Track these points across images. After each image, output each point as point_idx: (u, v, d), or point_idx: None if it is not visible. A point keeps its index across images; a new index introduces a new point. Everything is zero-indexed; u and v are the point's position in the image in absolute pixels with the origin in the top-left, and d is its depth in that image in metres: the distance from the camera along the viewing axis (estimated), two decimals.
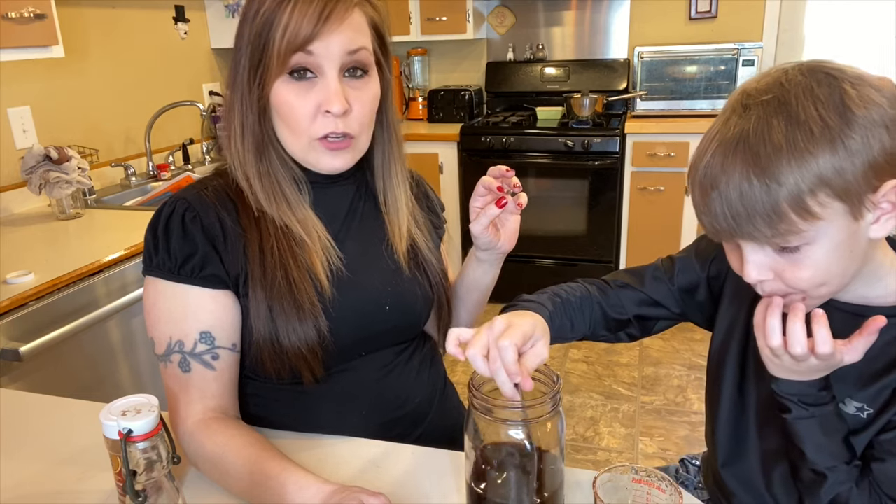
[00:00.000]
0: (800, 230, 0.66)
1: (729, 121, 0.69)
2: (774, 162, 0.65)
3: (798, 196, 0.65)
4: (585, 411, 2.53)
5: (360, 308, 0.92)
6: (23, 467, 0.87)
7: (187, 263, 0.85)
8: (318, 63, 0.83)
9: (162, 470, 0.66)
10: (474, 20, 3.45)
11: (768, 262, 0.71)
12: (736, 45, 3.09)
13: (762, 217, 0.66)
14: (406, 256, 0.97)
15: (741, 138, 0.67)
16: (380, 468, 0.85)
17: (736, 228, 0.69)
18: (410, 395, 0.99)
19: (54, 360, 1.51)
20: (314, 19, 0.80)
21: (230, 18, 2.98)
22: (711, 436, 0.98)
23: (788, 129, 0.65)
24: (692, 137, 2.99)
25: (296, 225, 0.89)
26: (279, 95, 0.84)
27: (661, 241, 3.17)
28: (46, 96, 2.23)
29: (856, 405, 0.78)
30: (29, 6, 1.73)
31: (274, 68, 0.83)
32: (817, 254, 0.68)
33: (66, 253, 1.72)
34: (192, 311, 0.85)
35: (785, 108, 0.66)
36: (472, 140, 3.25)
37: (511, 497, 0.70)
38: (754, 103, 0.68)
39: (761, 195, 0.65)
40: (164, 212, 0.88)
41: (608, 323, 0.98)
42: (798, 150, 0.64)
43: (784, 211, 0.65)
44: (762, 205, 0.66)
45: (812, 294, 0.72)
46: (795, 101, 0.66)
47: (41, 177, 1.92)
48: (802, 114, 0.65)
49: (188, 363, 0.85)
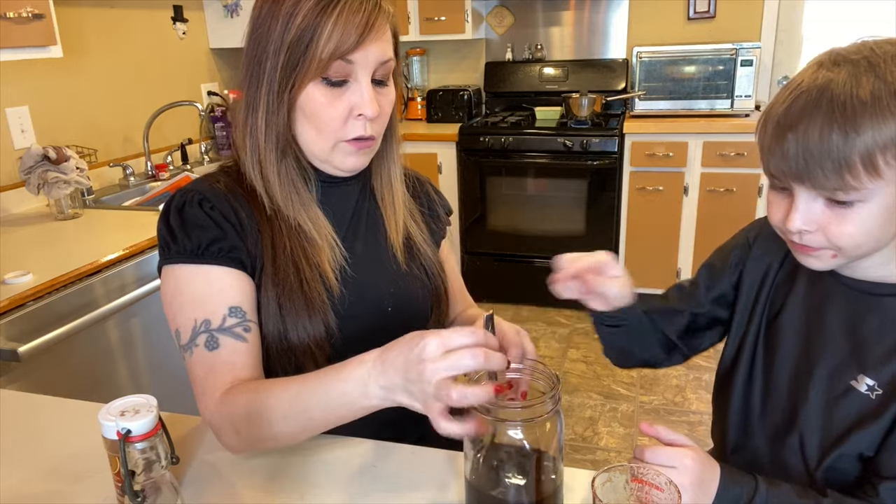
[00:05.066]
0: (861, 185, 0.70)
1: (817, 73, 0.73)
2: (859, 114, 0.68)
3: (871, 151, 0.68)
4: (584, 411, 2.53)
5: (367, 306, 0.94)
6: (21, 467, 0.86)
7: (213, 245, 0.85)
8: (355, 71, 0.85)
9: (161, 470, 0.66)
10: (473, 20, 3.45)
11: (816, 214, 0.74)
12: (734, 45, 3.09)
13: (833, 164, 0.69)
14: (402, 249, 1.00)
15: (828, 88, 0.70)
16: (380, 468, 0.85)
17: (804, 171, 0.71)
18: None
19: (53, 360, 1.51)
20: (360, 30, 0.82)
21: (228, 18, 2.98)
22: (722, 421, 0.98)
23: (875, 88, 0.69)
24: (691, 137, 2.99)
25: (307, 223, 0.91)
26: (311, 98, 0.85)
27: (659, 241, 3.17)
28: (45, 96, 2.22)
29: (868, 383, 0.79)
30: (27, 6, 1.72)
31: (311, 72, 0.84)
32: (866, 213, 0.72)
33: (64, 253, 1.72)
34: (219, 288, 0.84)
35: (874, 69, 0.70)
36: (471, 140, 3.25)
37: (510, 497, 0.70)
38: (844, 60, 0.72)
39: (838, 142, 0.69)
40: (176, 202, 0.88)
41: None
42: (881, 108, 0.68)
43: (854, 162, 0.69)
44: (837, 152, 0.69)
45: (847, 252, 0.75)
46: (884, 64, 0.70)
47: (39, 177, 1.92)
48: (889, 77, 0.69)
49: (216, 340, 0.83)
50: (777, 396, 0.89)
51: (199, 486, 0.82)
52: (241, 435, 0.80)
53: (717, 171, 2.99)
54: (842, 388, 0.81)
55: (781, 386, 0.88)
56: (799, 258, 0.81)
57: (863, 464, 0.80)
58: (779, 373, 0.89)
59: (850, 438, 0.80)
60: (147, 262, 1.75)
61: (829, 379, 0.83)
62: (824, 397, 0.83)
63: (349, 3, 0.82)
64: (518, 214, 3.33)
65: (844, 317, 0.83)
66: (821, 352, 0.84)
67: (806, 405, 0.84)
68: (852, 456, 0.80)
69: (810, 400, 0.84)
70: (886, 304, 0.80)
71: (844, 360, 0.82)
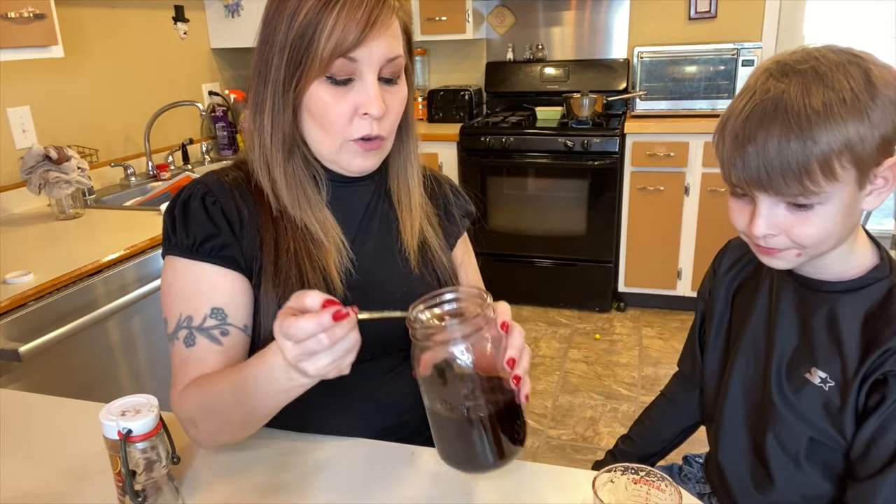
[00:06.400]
0: (820, 189, 0.74)
1: (767, 83, 0.76)
2: (814, 123, 0.72)
3: (828, 156, 0.72)
4: (585, 411, 2.53)
5: (372, 310, 0.92)
6: (22, 467, 0.87)
7: (206, 243, 0.86)
8: (360, 69, 0.83)
9: (161, 470, 0.66)
10: (474, 20, 3.45)
11: (779, 218, 0.78)
12: (735, 45, 3.09)
13: (793, 172, 0.73)
14: (416, 253, 0.97)
15: (782, 99, 0.74)
16: (380, 468, 0.85)
17: (766, 181, 0.75)
18: (415, 402, 0.98)
19: (54, 360, 1.51)
20: (361, 25, 0.80)
21: (229, 18, 2.98)
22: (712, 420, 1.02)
23: (826, 97, 0.72)
24: (692, 137, 2.99)
25: (315, 225, 0.90)
26: (316, 97, 0.84)
27: (660, 241, 3.17)
28: (46, 96, 2.23)
29: (820, 375, 0.84)
30: (28, 6, 1.72)
31: (314, 71, 0.82)
32: (826, 213, 0.76)
33: (65, 253, 1.72)
34: (206, 287, 0.85)
35: (822, 78, 0.73)
36: (472, 140, 3.25)
37: (466, 414, 0.69)
38: (792, 71, 0.75)
39: (797, 151, 0.72)
40: (183, 194, 0.89)
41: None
42: (833, 115, 0.72)
43: (813, 169, 0.73)
44: (796, 161, 0.73)
45: (811, 251, 0.80)
46: (830, 73, 0.73)
47: (41, 177, 1.92)
48: (837, 84, 0.73)
49: (193, 337, 0.84)
50: (750, 393, 0.94)
51: (199, 486, 0.82)
52: (199, 428, 0.82)
53: (718, 171, 2.98)
54: (798, 381, 0.86)
55: (756, 379, 0.93)
56: (764, 260, 0.85)
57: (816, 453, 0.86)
58: (749, 368, 0.94)
59: (810, 428, 0.85)
60: (148, 262, 1.75)
61: (788, 372, 0.88)
62: (786, 391, 0.88)
63: None
64: (519, 214, 3.33)
65: (798, 313, 0.88)
66: (778, 346, 0.89)
67: (772, 399, 0.89)
68: (810, 447, 0.86)
69: (773, 394, 0.88)
70: (833, 300, 0.84)
71: (799, 354, 0.87)
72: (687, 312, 3.27)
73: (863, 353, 0.80)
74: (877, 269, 0.83)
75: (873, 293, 0.82)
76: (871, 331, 0.80)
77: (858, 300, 0.83)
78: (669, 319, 3.25)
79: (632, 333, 3.14)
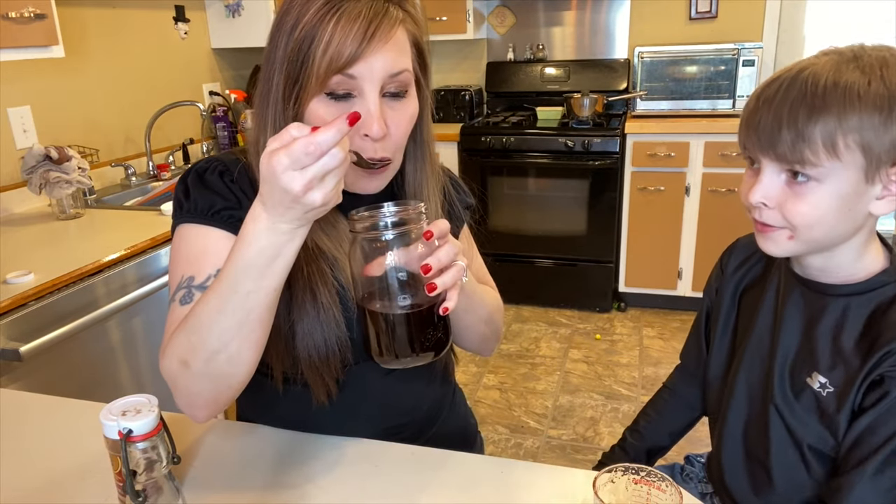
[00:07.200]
0: (819, 162, 0.74)
1: (810, 59, 0.78)
2: (829, 95, 0.72)
3: (833, 130, 0.73)
4: (585, 411, 2.53)
5: None
6: (22, 467, 0.87)
7: (224, 211, 0.83)
8: (360, 85, 0.77)
9: (162, 470, 0.66)
10: (474, 20, 3.45)
11: (776, 190, 0.78)
12: (736, 45, 3.09)
13: (797, 134, 0.74)
14: None
15: (811, 71, 0.75)
16: (380, 468, 0.85)
17: (767, 141, 0.76)
18: (418, 404, 0.98)
19: (54, 360, 1.51)
20: (358, 39, 0.74)
21: (230, 18, 2.98)
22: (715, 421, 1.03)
23: (853, 76, 0.73)
24: (692, 137, 2.99)
25: (327, 245, 0.86)
26: (315, 114, 0.79)
27: (660, 242, 3.17)
28: (46, 96, 2.23)
29: (820, 380, 0.84)
30: (29, 6, 1.73)
31: (312, 88, 0.77)
32: (821, 193, 0.76)
33: (66, 253, 1.72)
34: (213, 250, 0.81)
35: (858, 60, 0.74)
36: (473, 140, 3.25)
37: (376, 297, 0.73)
38: (832, 51, 0.77)
39: (805, 116, 0.73)
40: (199, 166, 0.87)
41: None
42: (852, 94, 0.72)
43: (815, 138, 0.73)
44: (801, 125, 0.73)
45: (800, 234, 0.79)
46: (868, 59, 0.74)
47: (41, 177, 1.92)
48: (869, 70, 0.73)
49: (192, 295, 0.79)
50: (753, 395, 0.93)
51: (200, 486, 0.82)
52: (189, 366, 0.74)
53: (718, 171, 2.99)
54: (799, 385, 0.86)
55: (760, 381, 0.92)
56: (759, 241, 0.85)
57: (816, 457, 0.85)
58: (752, 371, 0.94)
59: (808, 433, 0.85)
60: (148, 261, 1.75)
61: (790, 376, 0.87)
62: (788, 394, 0.87)
63: (348, 10, 0.75)
64: (519, 214, 3.33)
65: (803, 315, 0.87)
66: (781, 349, 0.89)
67: (774, 401, 0.88)
68: (809, 452, 0.86)
69: (776, 397, 0.88)
70: (839, 303, 0.84)
71: (801, 358, 0.86)
72: (688, 312, 3.27)
73: (864, 356, 0.80)
74: (885, 273, 0.83)
75: (879, 296, 0.81)
76: (873, 333, 0.80)
77: (864, 303, 0.82)
78: (670, 319, 3.25)
79: (632, 333, 3.14)
